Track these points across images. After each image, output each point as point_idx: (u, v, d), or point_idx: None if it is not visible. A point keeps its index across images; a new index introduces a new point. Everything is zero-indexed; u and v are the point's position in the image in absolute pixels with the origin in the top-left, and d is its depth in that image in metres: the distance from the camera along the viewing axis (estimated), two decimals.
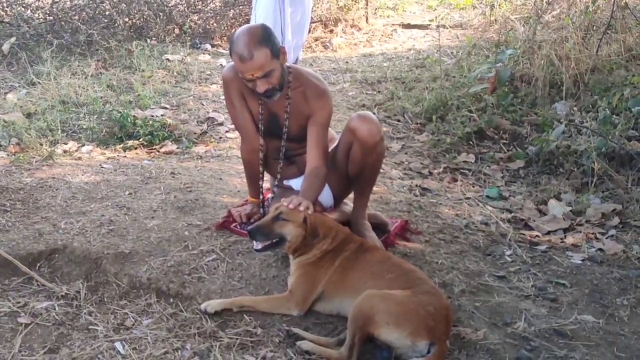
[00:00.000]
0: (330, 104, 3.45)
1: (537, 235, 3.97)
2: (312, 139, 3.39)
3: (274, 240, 3.00)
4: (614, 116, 5.18)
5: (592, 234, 4.05)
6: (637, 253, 3.74)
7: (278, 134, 3.51)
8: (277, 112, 3.45)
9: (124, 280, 3.14)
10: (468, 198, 4.66)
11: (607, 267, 3.58)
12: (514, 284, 3.33)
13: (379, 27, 10.18)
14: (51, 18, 8.10)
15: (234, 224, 3.61)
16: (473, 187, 4.95)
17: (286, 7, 5.85)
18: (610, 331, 2.97)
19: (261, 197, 3.72)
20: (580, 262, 3.64)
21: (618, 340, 2.90)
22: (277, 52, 3.21)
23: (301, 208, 3.00)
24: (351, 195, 3.68)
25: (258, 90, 3.22)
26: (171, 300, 3.03)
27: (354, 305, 2.65)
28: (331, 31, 9.66)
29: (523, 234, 3.92)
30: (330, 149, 3.52)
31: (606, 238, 3.99)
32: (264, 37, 3.17)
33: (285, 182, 3.69)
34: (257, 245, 3.01)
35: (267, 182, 3.82)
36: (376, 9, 10.99)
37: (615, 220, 4.21)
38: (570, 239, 3.90)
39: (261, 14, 5.94)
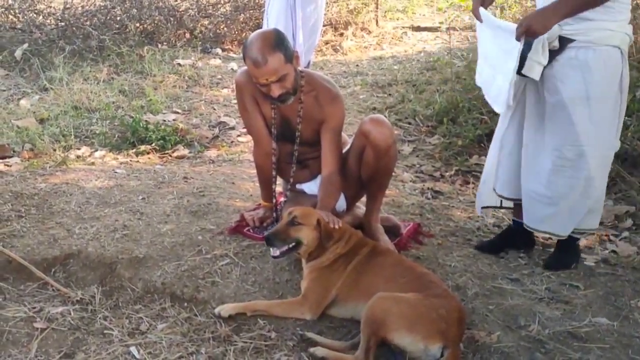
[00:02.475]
0: (342, 108, 3.47)
1: (549, 238, 3.95)
2: (326, 145, 3.41)
3: (291, 245, 3.00)
4: (626, 118, 5.16)
5: (606, 235, 4.04)
6: None
7: (291, 138, 3.53)
8: (289, 116, 3.46)
9: (138, 285, 3.15)
10: None
11: (621, 269, 3.56)
12: (528, 286, 3.32)
13: (389, 30, 10.19)
14: (63, 24, 8.19)
15: (247, 228, 3.62)
16: None
17: (297, 11, 5.89)
18: (624, 333, 2.95)
19: (274, 201, 3.73)
20: (593, 264, 3.62)
21: (633, 343, 2.88)
22: (291, 57, 3.23)
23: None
24: (363, 199, 3.69)
25: (272, 94, 3.24)
26: (185, 304, 3.04)
27: (366, 308, 2.65)
28: (341, 34, 9.68)
29: (536, 237, 3.90)
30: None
31: (619, 240, 3.99)
32: (278, 41, 3.19)
33: (297, 186, 3.70)
34: (275, 251, 3.00)
35: (279, 185, 3.83)
36: (385, 12, 10.99)
37: (629, 222, 4.20)
38: (583, 241, 3.86)
39: (273, 17, 5.98)
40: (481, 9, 3.42)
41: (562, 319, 3.03)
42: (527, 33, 3.07)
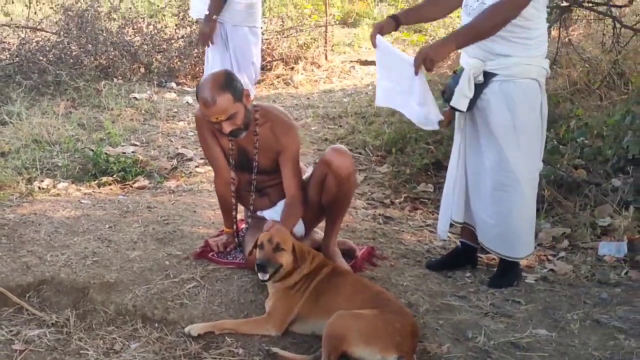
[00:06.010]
0: (297, 138, 3.70)
1: (493, 259, 4.18)
2: (286, 173, 3.63)
3: (274, 269, 3.16)
4: (561, 146, 5.51)
5: (544, 256, 4.32)
6: (585, 272, 4.02)
7: (249, 168, 3.73)
8: (246, 147, 3.67)
9: (110, 308, 3.30)
10: (428, 225, 4.91)
11: (559, 286, 3.83)
12: (474, 302, 3.55)
13: (338, 64, 10.45)
14: (18, 59, 8.23)
15: (211, 253, 3.81)
16: (432, 215, 5.17)
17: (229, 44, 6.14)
18: (562, 343, 3.18)
19: (235, 227, 3.94)
20: (534, 281, 3.88)
21: (569, 351, 3.10)
22: (240, 96, 3.43)
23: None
24: (321, 224, 3.91)
25: (224, 131, 3.46)
26: (156, 325, 3.20)
27: (327, 325, 2.86)
28: (292, 68, 9.91)
29: (481, 257, 4.15)
30: None
31: (557, 259, 4.26)
32: (227, 82, 3.41)
33: (258, 213, 3.88)
34: (265, 276, 3.14)
35: (241, 213, 4.03)
36: (333, 45, 11.25)
37: (565, 242, 4.49)
38: (524, 261, 4.10)
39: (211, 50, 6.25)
40: (379, 37, 3.62)
41: (506, 331, 3.27)
42: (425, 62, 3.36)
